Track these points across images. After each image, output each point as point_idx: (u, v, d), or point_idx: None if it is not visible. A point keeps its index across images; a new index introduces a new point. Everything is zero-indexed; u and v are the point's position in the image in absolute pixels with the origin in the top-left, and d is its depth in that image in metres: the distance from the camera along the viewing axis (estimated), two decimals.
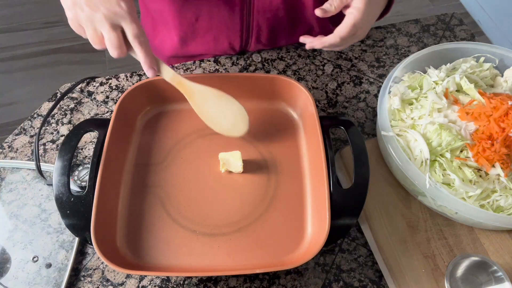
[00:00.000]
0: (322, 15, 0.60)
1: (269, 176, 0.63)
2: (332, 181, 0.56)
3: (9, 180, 0.66)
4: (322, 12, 0.60)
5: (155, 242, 0.57)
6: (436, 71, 0.69)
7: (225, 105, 0.60)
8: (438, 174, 0.59)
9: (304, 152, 0.66)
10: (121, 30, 0.52)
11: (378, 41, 0.85)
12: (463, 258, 0.55)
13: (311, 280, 0.59)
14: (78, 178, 0.62)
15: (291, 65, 0.80)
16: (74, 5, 0.50)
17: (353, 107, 0.76)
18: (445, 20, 0.90)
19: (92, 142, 0.70)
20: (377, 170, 0.66)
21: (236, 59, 0.81)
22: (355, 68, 0.81)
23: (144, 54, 0.53)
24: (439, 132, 0.60)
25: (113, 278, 0.59)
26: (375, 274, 0.60)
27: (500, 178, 0.59)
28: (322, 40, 0.61)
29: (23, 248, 0.60)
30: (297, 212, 0.60)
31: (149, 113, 0.69)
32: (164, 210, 0.60)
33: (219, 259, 0.57)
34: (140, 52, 0.53)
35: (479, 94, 0.64)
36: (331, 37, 0.60)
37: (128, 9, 0.51)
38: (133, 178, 0.63)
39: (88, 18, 0.50)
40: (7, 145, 0.70)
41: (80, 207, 0.54)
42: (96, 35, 0.51)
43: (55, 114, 0.73)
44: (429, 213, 0.63)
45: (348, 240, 0.63)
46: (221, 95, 0.60)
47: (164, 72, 0.58)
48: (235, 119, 0.61)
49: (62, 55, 1.92)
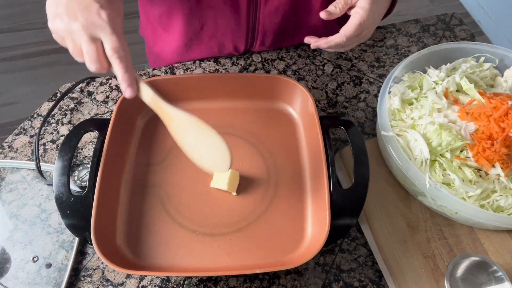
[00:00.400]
0: (327, 17, 0.59)
1: (269, 176, 0.63)
2: (332, 181, 0.56)
3: (9, 180, 0.66)
4: (327, 14, 0.59)
5: (155, 242, 0.57)
6: (436, 71, 0.69)
7: (206, 138, 0.51)
8: (438, 174, 0.59)
9: (304, 152, 0.66)
10: (101, 42, 0.47)
11: (378, 41, 0.85)
12: (463, 258, 0.55)
13: (311, 280, 0.59)
14: (78, 178, 0.62)
15: (291, 65, 0.80)
16: (55, 16, 0.47)
17: (353, 107, 0.76)
18: (445, 20, 0.90)
19: (92, 142, 0.70)
20: (377, 170, 0.66)
21: (236, 59, 0.81)
22: (355, 68, 0.81)
23: (122, 71, 0.47)
24: (439, 132, 0.60)
25: (113, 278, 0.59)
26: (375, 274, 0.60)
27: (500, 178, 0.59)
28: (327, 39, 0.59)
29: (23, 248, 0.60)
30: (297, 212, 0.60)
31: (149, 113, 0.69)
32: (164, 210, 0.60)
33: (219, 259, 0.56)
34: (118, 68, 0.47)
35: (479, 94, 0.64)
36: (337, 36, 0.59)
37: (109, 19, 0.46)
38: (133, 178, 0.63)
39: (66, 29, 0.46)
40: (7, 145, 0.70)
41: (80, 207, 0.54)
42: (76, 47, 0.47)
43: (55, 114, 0.73)
44: (429, 213, 0.63)
45: (348, 240, 0.63)
46: (202, 126, 0.50)
47: (143, 92, 0.50)
48: (215, 155, 0.51)
49: (62, 55, 1.92)
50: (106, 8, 0.47)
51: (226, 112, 0.70)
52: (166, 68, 0.80)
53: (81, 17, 0.46)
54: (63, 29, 0.47)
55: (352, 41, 0.60)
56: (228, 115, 0.69)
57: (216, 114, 0.69)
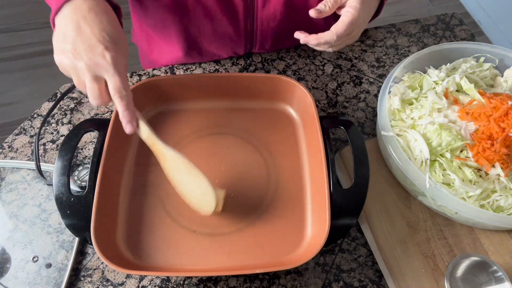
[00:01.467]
0: (316, 16, 0.59)
1: (269, 176, 0.63)
2: (332, 181, 0.56)
3: (9, 180, 0.66)
4: (316, 12, 0.59)
5: (155, 242, 0.57)
6: (436, 71, 0.69)
7: (194, 181, 0.55)
8: (438, 174, 0.59)
9: (304, 152, 0.66)
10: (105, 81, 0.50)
11: (378, 41, 0.85)
12: (463, 258, 0.55)
13: (311, 280, 0.59)
14: (78, 178, 0.62)
15: (291, 65, 0.80)
16: (62, 51, 0.49)
17: (353, 107, 0.76)
18: (445, 20, 0.90)
19: (92, 142, 0.70)
20: (377, 170, 0.66)
21: (236, 59, 0.81)
22: (355, 68, 0.81)
23: (123, 109, 0.50)
24: (439, 132, 0.60)
25: (113, 278, 0.59)
26: (375, 274, 0.60)
27: (500, 178, 0.59)
28: (318, 36, 0.59)
29: (23, 248, 0.60)
30: (297, 212, 0.60)
31: (149, 113, 0.69)
32: (164, 210, 0.60)
33: (219, 259, 0.57)
34: (119, 106, 0.50)
35: (479, 94, 0.64)
36: (327, 34, 0.58)
37: (113, 61, 0.48)
38: (133, 178, 0.63)
39: (71, 66, 0.48)
40: (7, 145, 0.70)
41: (80, 207, 0.54)
42: (80, 82, 0.50)
43: (55, 114, 0.73)
44: (429, 213, 0.63)
45: (348, 240, 0.63)
46: (192, 169, 0.54)
47: (141, 129, 0.54)
48: (202, 197, 0.55)
49: None
50: (110, 50, 0.48)
51: (226, 112, 0.70)
52: (166, 68, 0.80)
53: (86, 57, 0.47)
54: (68, 65, 0.49)
55: (342, 41, 0.60)
56: (228, 115, 0.69)
57: (216, 114, 0.69)
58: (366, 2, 0.60)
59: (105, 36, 0.48)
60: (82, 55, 0.47)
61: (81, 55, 0.47)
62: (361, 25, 0.61)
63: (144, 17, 0.79)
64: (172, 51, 0.80)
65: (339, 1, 0.59)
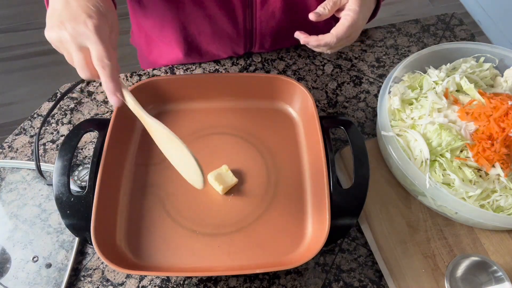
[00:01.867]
0: (316, 19, 0.59)
1: (269, 176, 0.63)
2: (332, 181, 0.56)
3: (9, 180, 0.66)
4: (315, 16, 0.59)
5: (155, 242, 0.57)
6: (436, 71, 0.69)
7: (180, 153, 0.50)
8: (438, 174, 0.59)
9: (304, 152, 0.66)
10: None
11: (378, 41, 0.85)
12: (463, 258, 0.55)
13: (311, 280, 0.59)
14: (78, 178, 0.62)
15: (291, 65, 0.80)
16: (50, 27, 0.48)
17: (353, 107, 0.76)
18: (445, 20, 0.90)
19: (92, 142, 0.70)
20: (377, 170, 0.66)
21: (236, 59, 0.81)
22: (355, 68, 0.81)
23: (106, 79, 0.47)
24: (439, 132, 0.60)
25: (113, 278, 0.59)
26: (375, 274, 0.60)
27: (500, 178, 0.59)
28: (318, 37, 0.60)
29: (23, 248, 0.60)
30: (297, 212, 0.60)
31: (149, 113, 0.68)
32: (164, 210, 0.60)
33: (219, 259, 0.57)
34: (102, 76, 0.47)
35: (479, 94, 0.64)
36: (328, 36, 0.59)
37: (95, 28, 0.46)
38: (133, 178, 0.63)
39: (58, 39, 0.48)
40: (7, 145, 0.70)
41: (80, 207, 0.54)
42: (69, 55, 0.49)
43: (55, 114, 0.73)
44: (429, 213, 0.63)
45: (348, 240, 0.63)
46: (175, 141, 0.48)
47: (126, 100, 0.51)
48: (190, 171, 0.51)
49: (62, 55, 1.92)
50: (93, 18, 0.47)
51: (226, 112, 0.70)
52: (166, 68, 0.80)
53: (69, 27, 0.47)
54: (55, 39, 0.48)
55: (341, 43, 0.61)
56: (228, 115, 0.69)
57: (216, 114, 0.69)
58: (365, 5, 0.60)
59: (90, 7, 0.48)
60: (66, 25, 0.47)
61: (65, 25, 0.47)
62: (359, 28, 0.62)
63: (143, 17, 0.79)
64: (171, 51, 0.80)
65: (338, 4, 0.60)
